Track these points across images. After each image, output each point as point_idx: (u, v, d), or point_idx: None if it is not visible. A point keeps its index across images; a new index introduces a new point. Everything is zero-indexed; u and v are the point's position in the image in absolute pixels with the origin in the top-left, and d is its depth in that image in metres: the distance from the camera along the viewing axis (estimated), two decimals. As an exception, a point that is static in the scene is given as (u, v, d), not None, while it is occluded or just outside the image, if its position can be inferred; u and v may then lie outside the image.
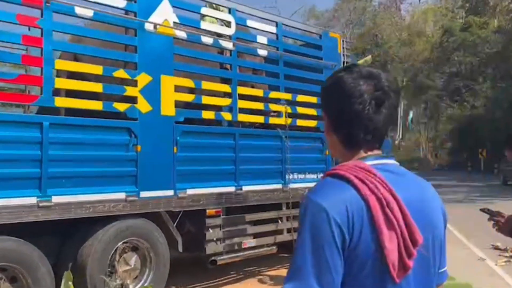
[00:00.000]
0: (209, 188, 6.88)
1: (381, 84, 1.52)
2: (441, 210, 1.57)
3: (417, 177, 1.61)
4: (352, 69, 1.56)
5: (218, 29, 7.36)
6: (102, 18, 6.02)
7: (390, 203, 1.38)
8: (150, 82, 6.23)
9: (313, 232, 1.35)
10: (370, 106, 1.49)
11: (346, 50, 9.49)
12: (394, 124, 1.75)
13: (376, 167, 1.47)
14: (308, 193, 1.44)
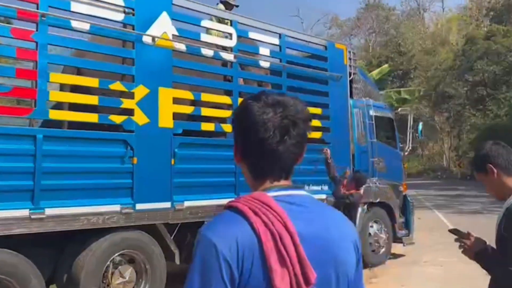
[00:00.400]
0: (208, 200, 6.84)
1: (288, 113, 1.46)
2: (352, 244, 1.49)
3: (328, 209, 1.55)
4: (259, 97, 1.50)
5: (220, 42, 7.35)
6: (99, 31, 6.07)
7: (284, 238, 1.32)
8: (147, 94, 6.25)
9: (202, 267, 1.31)
10: (274, 136, 1.44)
11: (353, 61, 9.40)
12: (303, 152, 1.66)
13: (277, 199, 1.41)
14: (202, 227, 1.40)
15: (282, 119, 1.45)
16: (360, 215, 9.14)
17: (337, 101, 8.83)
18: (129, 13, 6.26)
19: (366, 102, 9.69)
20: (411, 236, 10.34)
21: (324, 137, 8.58)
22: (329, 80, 8.74)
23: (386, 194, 9.72)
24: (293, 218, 1.37)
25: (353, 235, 1.51)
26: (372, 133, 9.64)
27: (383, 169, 9.85)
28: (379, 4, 67.04)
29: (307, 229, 1.39)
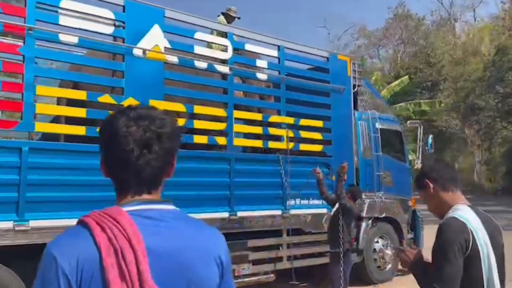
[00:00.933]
0: (199, 214, 6.75)
1: (152, 126, 1.45)
2: (214, 260, 1.46)
3: (192, 225, 1.51)
4: (124, 111, 1.49)
5: (215, 54, 7.34)
6: (88, 44, 6.12)
7: (126, 254, 1.30)
8: (137, 107, 6.24)
9: (42, 281, 1.30)
10: (134, 149, 1.43)
11: (357, 72, 9.26)
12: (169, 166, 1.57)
13: (133, 213, 1.40)
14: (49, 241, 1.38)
15: (144, 133, 1.44)
16: (364, 230, 8.97)
17: (339, 114, 8.70)
18: (120, 26, 6.31)
19: (371, 115, 9.51)
20: (420, 252, 10.06)
21: (325, 150, 8.47)
22: (331, 92, 8.62)
23: (392, 209, 9.50)
24: (145, 233, 1.36)
25: (215, 251, 1.48)
26: (377, 146, 9.45)
27: (389, 183, 9.63)
28: (408, 14, 66.32)
29: (161, 244, 1.37)
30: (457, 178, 2.71)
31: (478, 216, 2.54)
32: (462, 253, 2.42)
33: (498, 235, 2.59)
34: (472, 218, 2.51)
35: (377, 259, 9.19)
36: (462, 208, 2.57)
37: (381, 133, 9.64)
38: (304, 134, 8.22)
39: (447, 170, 2.72)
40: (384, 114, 10.06)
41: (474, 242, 2.43)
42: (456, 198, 2.65)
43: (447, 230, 2.49)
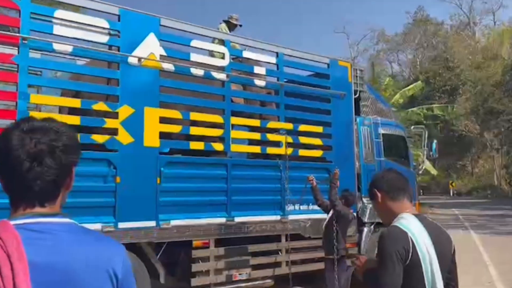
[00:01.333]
0: (196, 219, 6.87)
1: (45, 140, 1.45)
2: (107, 273, 1.45)
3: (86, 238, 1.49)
4: (19, 124, 1.49)
5: (211, 61, 7.42)
6: (82, 53, 6.24)
7: (2, 267, 1.30)
8: (132, 114, 6.35)
9: None
10: (24, 162, 1.42)
11: (360, 78, 9.26)
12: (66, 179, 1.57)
13: (19, 226, 1.39)
14: None
15: (35, 146, 1.44)
16: (366, 235, 8.94)
17: (340, 119, 8.71)
18: (115, 35, 6.42)
19: (373, 120, 9.49)
20: (424, 258, 9.98)
21: (326, 155, 8.47)
22: (331, 98, 8.64)
23: (395, 214, 9.43)
24: (30, 246, 1.35)
25: (108, 264, 1.47)
26: (380, 151, 9.42)
27: (393, 188, 9.57)
28: (427, 18, 65.93)
29: (45, 258, 1.37)
30: (405, 187, 2.69)
31: (423, 225, 2.53)
32: (402, 262, 2.41)
33: (446, 244, 2.58)
34: (415, 227, 2.50)
35: (380, 264, 9.14)
36: (406, 216, 2.57)
37: (384, 138, 9.61)
38: (304, 140, 8.24)
39: (395, 179, 2.71)
40: (388, 119, 10.02)
41: (414, 251, 2.43)
42: (403, 207, 2.65)
43: (386, 239, 2.49)
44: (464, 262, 11.64)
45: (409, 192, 2.71)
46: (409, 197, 2.70)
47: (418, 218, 2.57)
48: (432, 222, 2.65)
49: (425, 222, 2.58)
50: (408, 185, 2.74)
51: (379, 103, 9.95)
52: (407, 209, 2.64)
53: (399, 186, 2.68)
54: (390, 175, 2.76)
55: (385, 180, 2.71)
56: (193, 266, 6.86)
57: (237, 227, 7.28)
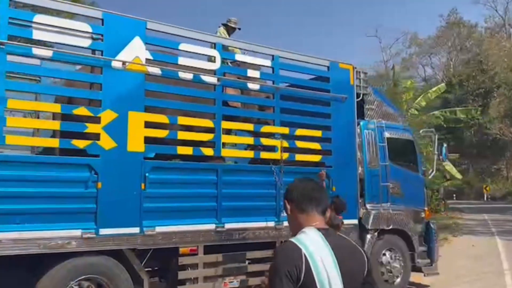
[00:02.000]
0: (183, 226, 6.73)
1: None
2: None
3: None
4: None
5: (201, 65, 7.28)
6: (63, 57, 6.19)
7: None
8: (115, 119, 6.26)
9: None
10: None
11: (363, 81, 8.99)
12: None
13: None
14: None
15: None
16: (369, 242, 8.64)
17: (341, 123, 8.45)
18: (98, 39, 6.34)
19: (378, 124, 9.17)
20: (434, 266, 9.59)
21: (325, 160, 8.22)
22: (331, 101, 8.39)
23: (400, 221, 9.11)
24: None
25: None
26: (384, 156, 9.10)
27: (398, 193, 9.25)
28: (461, 21, 64.53)
29: None
30: (318, 198, 2.45)
31: (328, 242, 2.29)
32: (292, 281, 2.18)
33: (356, 263, 2.35)
34: (314, 243, 2.26)
35: (385, 272, 8.82)
36: (308, 231, 2.33)
37: (390, 143, 9.29)
38: (301, 144, 8.01)
39: (307, 189, 2.47)
40: (395, 122, 9.68)
41: (308, 270, 2.19)
42: (311, 220, 2.40)
43: (276, 256, 2.29)
44: (481, 269, 11.26)
45: (323, 203, 2.46)
46: (322, 209, 2.45)
47: (323, 234, 2.32)
48: (342, 238, 2.42)
49: (332, 238, 2.33)
50: (322, 196, 2.49)
51: (386, 106, 9.62)
52: (315, 222, 2.40)
53: (310, 197, 2.44)
54: (302, 184, 2.52)
55: (296, 190, 2.48)
56: (180, 273, 6.72)
57: (228, 234, 7.11)
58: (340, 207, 7.02)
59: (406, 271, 9.13)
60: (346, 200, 7.93)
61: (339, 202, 7.06)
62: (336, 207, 6.95)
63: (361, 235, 8.64)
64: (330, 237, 2.32)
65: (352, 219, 8.42)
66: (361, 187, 8.78)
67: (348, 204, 8.23)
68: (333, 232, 2.40)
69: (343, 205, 7.06)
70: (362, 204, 8.77)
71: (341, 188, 8.24)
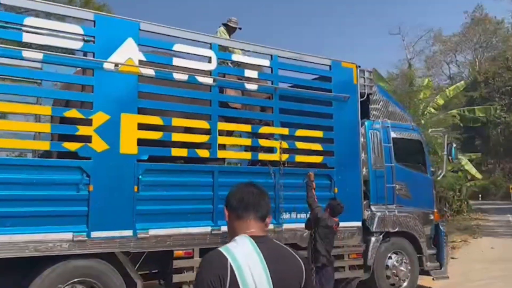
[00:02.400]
0: (178, 228, 6.65)
1: None
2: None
3: None
4: None
5: (196, 65, 7.20)
6: (53, 60, 6.18)
7: None
8: (107, 121, 6.22)
9: None
10: None
11: (368, 80, 8.79)
12: None
13: None
14: None
15: None
16: (373, 245, 8.46)
17: (343, 123, 8.28)
18: (89, 41, 6.32)
19: (383, 123, 8.97)
20: (443, 270, 9.34)
21: (327, 161, 8.06)
22: (333, 101, 8.23)
23: (407, 223, 8.89)
24: None
25: None
26: (390, 157, 8.89)
27: (405, 195, 9.04)
28: (486, 17, 63.29)
29: None
30: (256, 204, 2.32)
31: (261, 250, 2.16)
32: None
33: (291, 272, 2.21)
34: (243, 252, 2.14)
35: (390, 276, 8.62)
36: (239, 239, 2.21)
37: (396, 143, 9.09)
38: (301, 145, 7.87)
39: (246, 195, 2.34)
40: (402, 122, 9.46)
41: (233, 279, 2.07)
42: (246, 227, 2.28)
43: (200, 265, 2.18)
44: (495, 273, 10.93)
45: (262, 209, 2.34)
46: (261, 215, 2.33)
47: (256, 242, 2.19)
48: (277, 247, 2.28)
49: (266, 246, 2.20)
50: (263, 201, 2.36)
51: (392, 106, 9.41)
52: (251, 229, 2.27)
53: (248, 203, 2.31)
54: (241, 190, 2.38)
55: (234, 196, 2.35)
56: (175, 276, 6.64)
57: (225, 236, 7.00)
58: (337, 209, 6.85)
59: (414, 274, 8.91)
60: (348, 202, 7.83)
61: (335, 204, 6.90)
62: (332, 209, 6.80)
63: (366, 237, 8.45)
64: (263, 245, 2.19)
65: (355, 222, 8.25)
66: (366, 189, 8.60)
67: (351, 206, 8.13)
68: (268, 240, 2.28)
69: (339, 207, 6.86)
70: (367, 206, 8.59)
71: (343, 189, 8.09)
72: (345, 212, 7.91)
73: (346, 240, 8.14)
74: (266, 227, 2.37)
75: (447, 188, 19.73)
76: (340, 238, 8.02)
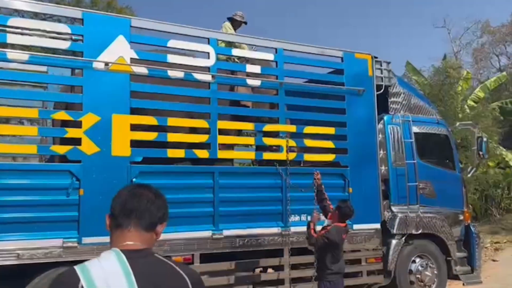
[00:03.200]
0: (175, 233, 6.34)
1: None
2: None
3: None
4: None
5: (193, 62, 6.89)
6: (40, 61, 6.00)
7: None
8: (97, 122, 5.99)
9: None
10: None
11: (386, 71, 8.24)
12: None
13: None
14: None
15: None
16: (394, 248, 7.89)
17: (358, 119, 7.78)
18: (77, 40, 6.11)
19: (404, 118, 8.38)
20: (475, 274, 8.63)
21: (340, 159, 7.58)
22: (346, 95, 7.73)
23: (432, 224, 8.27)
24: None
25: None
26: (412, 153, 8.30)
27: (430, 194, 8.41)
28: (539, 6, 60.40)
29: None
30: (140, 210, 1.91)
31: (132, 268, 1.75)
32: None
33: None
34: (105, 273, 1.73)
35: (414, 281, 8.03)
36: (106, 255, 1.80)
37: (419, 138, 8.49)
38: (310, 143, 7.44)
39: (128, 199, 1.94)
40: (426, 116, 8.81)
41: None
42: (122, 238, 1.87)
43: (50, 286, 1.80)
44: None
45: (149, 217, 1.92)
46: (147, 224, 1.91)
47: (128, 257, 1.78)
48: (158, 263, 1.85)
49: (140, 263, 1.79)
50: (153, 207, 1.94)
51: (415, 99, 8.79)
52: (128, 241, 1.86)
53: (130, 209, 1.91)
54: (126, 193, 1.98)
55: (117, 201, 1.95)
56: (174, 283, 6.33)
57: (227, 241, 6.66)
58: (347, 213, 6.18)
59: (441, 279, 8.27)
60: (364, 203, 7.39)
61: (345, 208, 6.20)
62: (341, 212, 6.13)
63: (386, 240, 7.90)
64: (137, 262, 1.78)
65: (373, 223, 7.73)
66: (385, 188, 8.06)
67: (368, 206, 7.66)
68: (148, 255, 1.86)
69: (349, 211, 6.19)
70: (387, 207, 8.04)
71: (359, 189, 7.60)
72: (362, 214, 7.44)
73: (363, 243, 7.63)
74: (157, 236, 1.96)
75: (494, 185, 18.60)
76: (357, 241, 7.53)
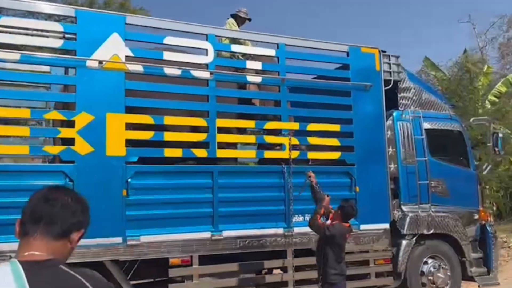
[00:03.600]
0: (173, 234, 6.20)
1: None
2: None
3: None
4: None
5: (191, 59, 6.72)
6: (31, 60, 5.90)
7: None
8: (91, 121, 5.87)
9: None
10: None
11: (395, 66, 7.96)
12: None
13: None
14: None
15: None
16: (404, 249, 7.60)
17: (365, 115, 7.51)
18: (70, 38, 5.99)
19: (414, 113, 8.07)
20: (492, 276, 8.27)
21: (345, 157, 7.32)
22: (352, 91, 7.48)
23: (445, 224, 7.94)
24: None
25: None
26: (423, 150, 7.98)
27: (443, 193, 8.09)
28: None
29: None
30: (51, 216, 1.71)
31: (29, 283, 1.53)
32: None
33: None
34: None
35: (426, 283, 7.72)
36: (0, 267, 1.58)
37: (431, 135, 8.17)
38: (314, 141, 7.21)
39: (37, 203, 1.75)
40: (438, 111, 8.49)
41: None
42: (25, 247, 1.67)
43: None
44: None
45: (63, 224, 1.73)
46: (59, 232, 1.72)
47: (27, 269, 1.57)
48: (61, 276, 1.63)
49: (41, 276, 1.58)
50: (66, 213, 1.75)
51: (426, 94, 8.47)
52: (30, 251, 1.65)
53: (41, 215, 1.71)
54: (37, 197, 1.78)
55: (28, 205, 1.76)
56: (171, 286, 6.18)
57: (227, 242, 6.48)
58: (350, 212, 5.93)
59: (455, 281, 7.95)
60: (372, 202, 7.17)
61: (346, 207, 5.94)
62: (344, 212, 5.88)
63: (396, 241, 7.61)
64: (36, 275, 1.57)
65: (382, 223, 7.45)
66: (395, 187, 7.77)
67: (376, 206, 7.42)
68: (51, 267, 1.64)
69: (352, 210, 5.93)
70: (397, 206, 7.75)
71: (366, 188, 7.35)
72: (370, 213, 7.22)
73: (371, 244, 7.36)
74: (71, 245, 1.76)
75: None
76: (364, 242, 7.27)
